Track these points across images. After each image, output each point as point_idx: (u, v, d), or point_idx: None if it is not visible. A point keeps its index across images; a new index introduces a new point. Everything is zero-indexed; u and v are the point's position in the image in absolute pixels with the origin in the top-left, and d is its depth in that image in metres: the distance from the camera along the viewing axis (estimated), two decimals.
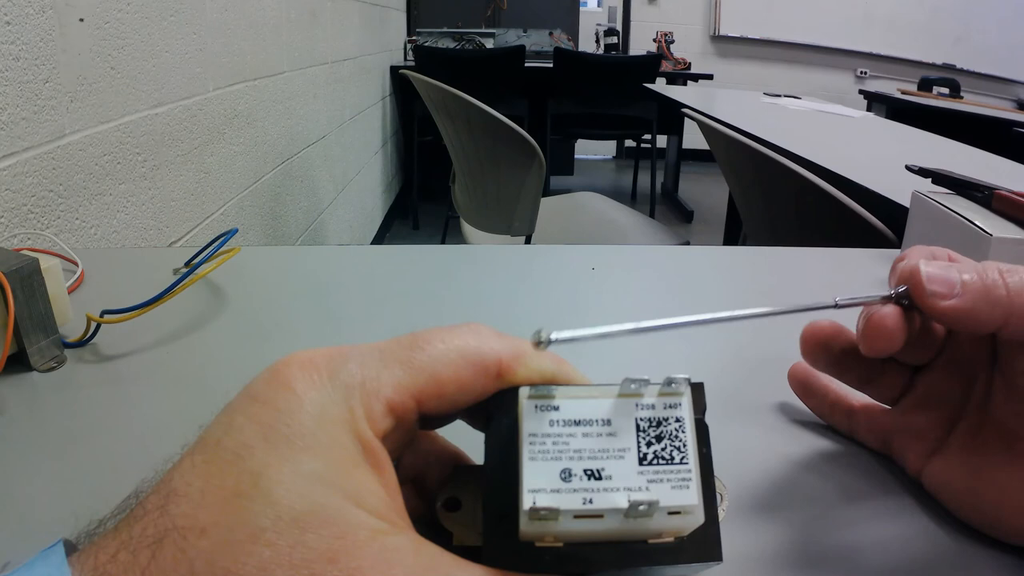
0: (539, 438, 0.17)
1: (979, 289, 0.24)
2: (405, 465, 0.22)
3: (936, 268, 0.25)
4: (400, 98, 3.62)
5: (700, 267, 0.58)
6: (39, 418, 0.33)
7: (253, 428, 0.17)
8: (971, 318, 0.24)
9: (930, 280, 0.25)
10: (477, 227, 1.83)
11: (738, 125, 1.45)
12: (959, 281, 0.25)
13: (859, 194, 0.93)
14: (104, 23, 0.88)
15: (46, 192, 0.77)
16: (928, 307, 0.25)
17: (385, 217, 3.33)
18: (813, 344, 0.30)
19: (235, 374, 0.20)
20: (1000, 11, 4.95)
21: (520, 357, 0.19)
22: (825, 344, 0.30)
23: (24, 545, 0.24)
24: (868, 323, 0.26)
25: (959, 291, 0.24)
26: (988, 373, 0.28)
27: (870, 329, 0.26)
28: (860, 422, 0.32)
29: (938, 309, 0.25)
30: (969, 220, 0.48)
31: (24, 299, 0.36)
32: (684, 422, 0.18)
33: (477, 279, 0.53)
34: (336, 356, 0.19)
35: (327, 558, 0.15)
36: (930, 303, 0.25)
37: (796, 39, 5.15)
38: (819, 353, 0.30)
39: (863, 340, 0.26)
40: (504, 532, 0.17)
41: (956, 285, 0.25)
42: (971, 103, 3.35)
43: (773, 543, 0.27)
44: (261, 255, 0.56)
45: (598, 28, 4.39)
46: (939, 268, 0.25)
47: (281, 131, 1.69)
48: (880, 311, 0.26)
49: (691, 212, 3.90)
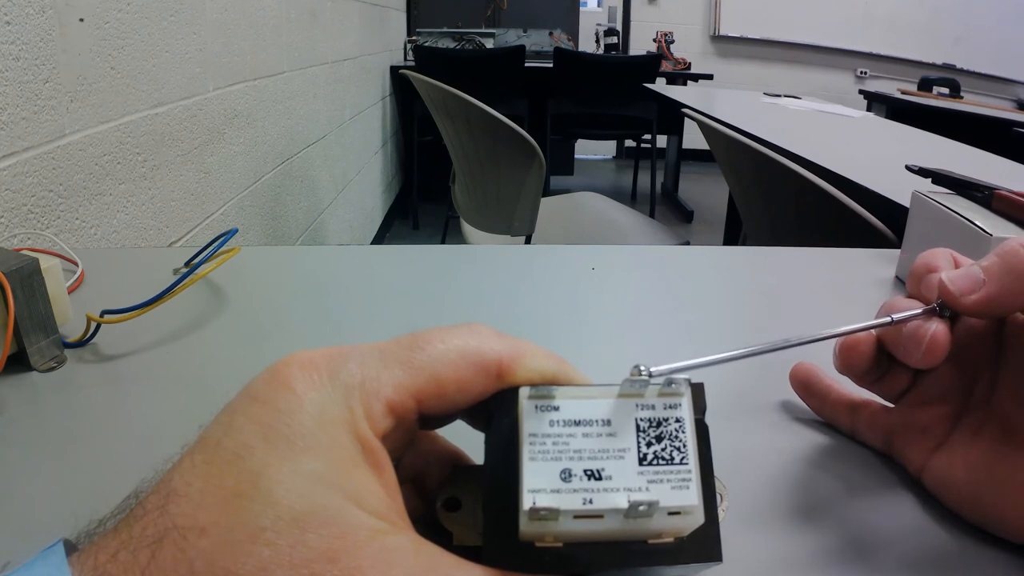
0: (539, 438, 0.17)
1: (1000, 267, 0.26)
2: (405, 465, 0.22)
3: (958, 274, 0.27)
4: (400, 98, 3.62)
5: (700, 267, 0.58)
6: (39, 418, 0.33)
7: (253, 428, 0.17)
8: (1003, 297, 0.26)
9: (953, 282, 0.27)
10: (477, 227, 1.83)
11: (738, 125, 1.45)
12: (980, 271, 0.27)
13: (859, 194, 0.93)
14: (104, 23, 0.88)
15: (46, 192, 0.77)
16: (964, 307, 0.27)
17: (385, 217, 3.33)
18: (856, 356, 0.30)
19: (235, 374, 0.20)
20: (1000, 11, 4.95)
21: (520, 357, 0.19)
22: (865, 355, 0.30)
23: (24, 545, 0.24)
24: (931, 341, 0.27)
25: (983, 278, 0.26)
26: (992, 369, 0.28)
27: (931, 346, 0.27)
28: (861, 421, 0.32)
29: (974, 304, 0.26)
30: (969, 220, 0.48)
31: (24, 299, 0.36)
32: (684, 422, 0.18)
33: (477, 279, 0.53)
34: (336, 356, 0.19)
35: (327, 558, 0.15)
36: (964, 303, 0.27)
37: (796, 39, 5.15)
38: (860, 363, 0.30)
39: (925, 356, 0.27)
40: (504, 532, 0.17)
41: (979, 276, 0.26)
42: (971, 103, 3.35)
43: (773, 543, 0.27)
44: (261, 255, 0.56)
45: (598, 28, 4.39)
46: (960, 272, 0.27)
47: (281, 131, 1.69)
48: (938, 329, 0.27)
49: (691, 212, 3.90)
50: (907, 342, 0.28)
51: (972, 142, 1.47)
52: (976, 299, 0.26)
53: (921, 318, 0.28)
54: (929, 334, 0.27)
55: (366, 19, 2.85)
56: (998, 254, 0.26)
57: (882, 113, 3.06)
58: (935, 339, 0.27)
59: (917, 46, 5.09)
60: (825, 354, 0.31)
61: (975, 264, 0.27)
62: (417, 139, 3.44)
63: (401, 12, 3.95)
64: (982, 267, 0.27)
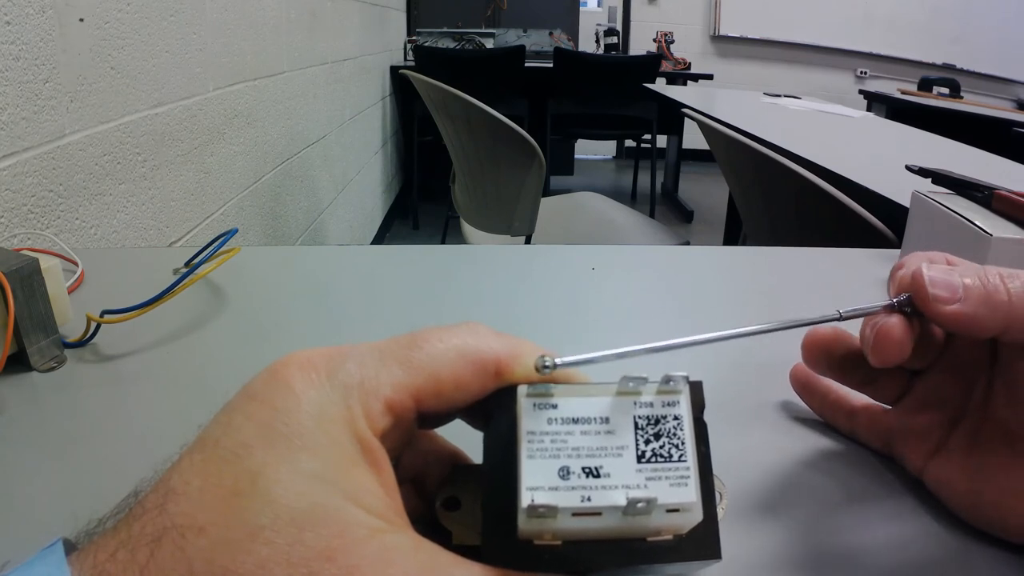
0: (537, 436, 0.17)
1: (981, 294, 0.24)
2: (404, 464, 0.22)
3: (938, 272, 0.25)
4: (400, 98, 3.62)
5: (700, 267, 0.58)
6: (39, 418, 0.33)
7: (252, 427, 0.17)
8: (973, 323, 0.24)
9: (933, 284, 0.25)
10: (477, 227, 1.83)
11: (738, 125, 1.45)
12: (961, 285, 0.24)
13: (859, 194, 0.93)
14: (104, 23, 0.88)
15: (46, 192, 0.77)
16: (931, 312, 0.25)
17: (385, 217, 3.33)
18: (815, 351, 0.30)
19: (235, 374, 0.20)
20: (1000, 11, 4.94)
21: (518, 356, 0.19)
22: (827, 350, 0.30)
23: (24, 545, 0.24)
24: (877, 335, 0.26)
25: (961, 295, 0.24)
26: (988, 375, 0.28)
27: (879, 341, 0.25)
28: (861, 422, 0.32)
29: (942, 314, 0.25)
30: (969, 220, 0.48)
31: (24, 299, 0.36)
32: (682, 420, 0.18)
33: (477, 279, 0.53)
34: (335, 355, 0.19)
35: (325, 556, 0.15)
36: (933, 308, 0.25)
37: (796, 39, 5.15)
38: (821, 359, 0.30)
39: (873, 352, 0.26)
40: (503, 531, 0.17)
41: (959, 289, 0.24)
42: (971, 103, 3.35)
43: (773, 541, 0.27)
44: (261, 255, 0.56)
45: (598, 28, 4.39)
46: (941, 272, 0.25)
47: (281, 131, 1.69)
48: (887, 323, 0.25)
49: (691, 212, 3.90)
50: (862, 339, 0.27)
51: (972, 142, 1.47)
52: (946, 312, 0.24)
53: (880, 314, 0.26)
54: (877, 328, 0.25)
55: (366, 19, 2.85)
56: (983, 279, 0.25)
57: (882, 113, 3.05)
58: (884, 333, 0.25)
59: (917, 46, 5.09)
60: None
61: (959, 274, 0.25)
62: (417, 139, 3.44)
63: (401, 12, 3.94)
64: (964, 283, 0.25)
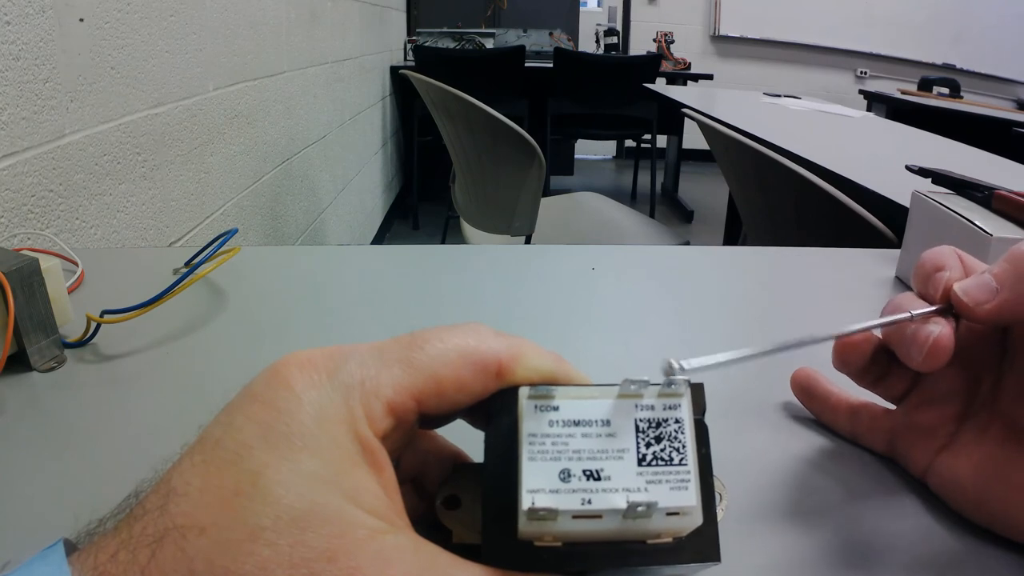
0: (538, 438, 0.17)
1: (1012, 273, 0.25)
2: (405, 465, 0.22)
3: (969, 282, 0.27)
4: (400, 98, 3.62)
5: (700, 267, 0.58)
6: (39, 418, 0.33)
7: (252, 427, 0.17)
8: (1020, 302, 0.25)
9: (967, 293, 0.26)
10: (477, 227, 1.83)
11: (738, 125, 1.45)
12: (992, 279, 0.26)
13: (859, 194, 0.93)
14: (104, 23, 0.88)
15: (46, 192, 0.77)
16: (978, 317, 0.26)
17: (385, 217, 3.33)
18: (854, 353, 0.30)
19: (235, 374, 0.20)
20: (1000, 11, 4.94)
21: (519, 356, 0.19)
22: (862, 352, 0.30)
23: (24, 545, 0.24)
24: (934, 343, 0.26)
25: (996, 286, 0.26)
26: (996, 371, 0.28)
27: (935, 348, 0.26)
28: (862, 424, 0.32)
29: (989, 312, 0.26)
30: (969, 220, 0.48)
31: (24, 299, 0.36)
32: (683, 423, 0.18)
33: (477, 279, 0.53)
34: (336, 356, 0.19)
35: (326, 557, 0.15)
36: (978, 312, 0.26)
37: (796, 39, 5.15)
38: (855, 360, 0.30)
39: (926, 359, 0.26)
40: (503, 531, 0.17)
41: (992, 284, 0.26)
42: (971, 103, 3.35)
43: (773, 544, 0.27)
44: (261, 255, 0.56)
45: (598, 28, 4.38)
46: (972, 281, 0.26)
47: (281, 131, 1.69)
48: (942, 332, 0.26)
49: (691, 212, 3.90)
50: (910, 344, 0.27)
51: (972, 142, 1.47)
52: (991, 308, 0.26)
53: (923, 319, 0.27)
54: (932, 337, 0.26)
55: (366, 19, 2.85)
56: (1008, 260, 0.26)
57: (882, 113, 3.05)
58: (938, 343, 0.26)
59: (917, 46, 5.09)
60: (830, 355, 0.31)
61: (985, 272, 0.26)
62: (417, 139, 3.44)
63: (401, 12, 3.94)
64: (993, 274, 0.26)
